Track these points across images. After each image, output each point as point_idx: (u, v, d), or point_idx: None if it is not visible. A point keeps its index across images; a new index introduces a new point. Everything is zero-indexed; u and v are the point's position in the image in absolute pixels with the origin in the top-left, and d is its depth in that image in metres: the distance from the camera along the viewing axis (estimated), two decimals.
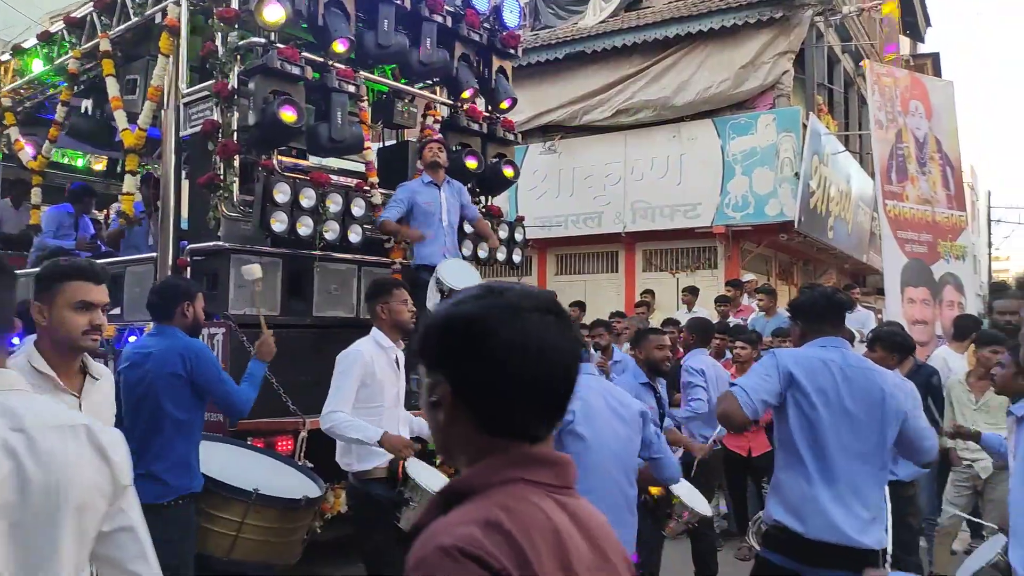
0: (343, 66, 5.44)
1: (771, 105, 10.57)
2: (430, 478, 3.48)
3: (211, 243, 5.04)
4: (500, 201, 8.33)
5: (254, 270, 4.08)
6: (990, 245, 38.08)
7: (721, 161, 10.66)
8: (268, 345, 3.63)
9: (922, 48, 20.68)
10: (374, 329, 3.70)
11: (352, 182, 5.93)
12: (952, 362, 5.67)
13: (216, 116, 5.01)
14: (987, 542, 3.21)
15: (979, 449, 4.99)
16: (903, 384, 3.16)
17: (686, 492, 3.86)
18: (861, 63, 12.38)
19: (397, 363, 3.73)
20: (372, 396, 3.58)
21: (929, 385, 5.13)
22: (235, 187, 5.00)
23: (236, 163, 5.00)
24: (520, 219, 6.85)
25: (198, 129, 5.09)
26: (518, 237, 6.68)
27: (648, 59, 11.28)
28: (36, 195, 7.26)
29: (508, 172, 6.53)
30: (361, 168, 6.29)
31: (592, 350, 5.71)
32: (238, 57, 5.07)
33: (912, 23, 18.91)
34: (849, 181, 12.25)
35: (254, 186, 4.98)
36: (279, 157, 5.39)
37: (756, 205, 10.38)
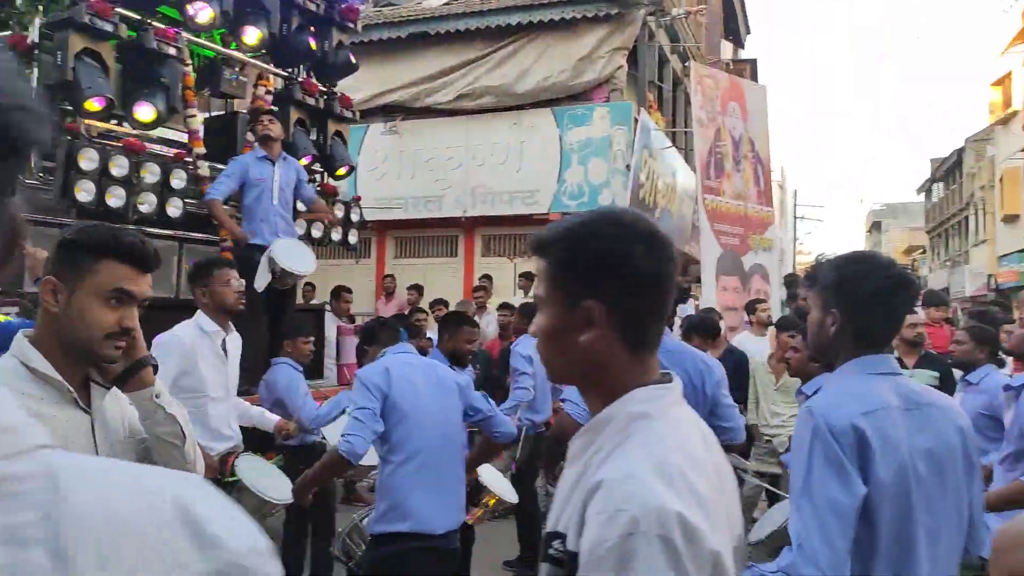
0: (163, 25, 5.05)
1: (606, 98, 10.99)
2: (259, 478, 3.36)
3: None
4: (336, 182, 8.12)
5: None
6: (795, 240, 41.88)
7: (559, 150, 10.97)
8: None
9: (742, 54, 22.29)
10: (198, 313, 3.44)
11: (173, 152, 5.55)
12: (748, 345, 6.15)
13: None
14: (777, 506, 3.50)
15: (779, 425, 5.51)
16: (713, 365, 3.41)
17: (493, 479, 3.97)
18: (687, 64, 13.14)
19: (224, 349, 3.48)
20: (195, 386, 3.33)
21: (738, 368, 5.56)
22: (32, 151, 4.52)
23: None
24: (356, 199, 6.71)
25: None
26: (354, 218, 6.55)
27: (491, 45, 11.37)
28: None
29: (340, 172, 6.41)
30: (184, 138, 5.89)
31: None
32: (40, 7, 4.58)
33: (734, 29, 20.34)
34: (675, 175, 13.00)
35: (56, 151, 4.53)
36: (88, 121, 4.93)
37: (590, 194, 10.77)
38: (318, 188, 6.33)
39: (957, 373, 4.73)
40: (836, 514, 1.58)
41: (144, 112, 4.99)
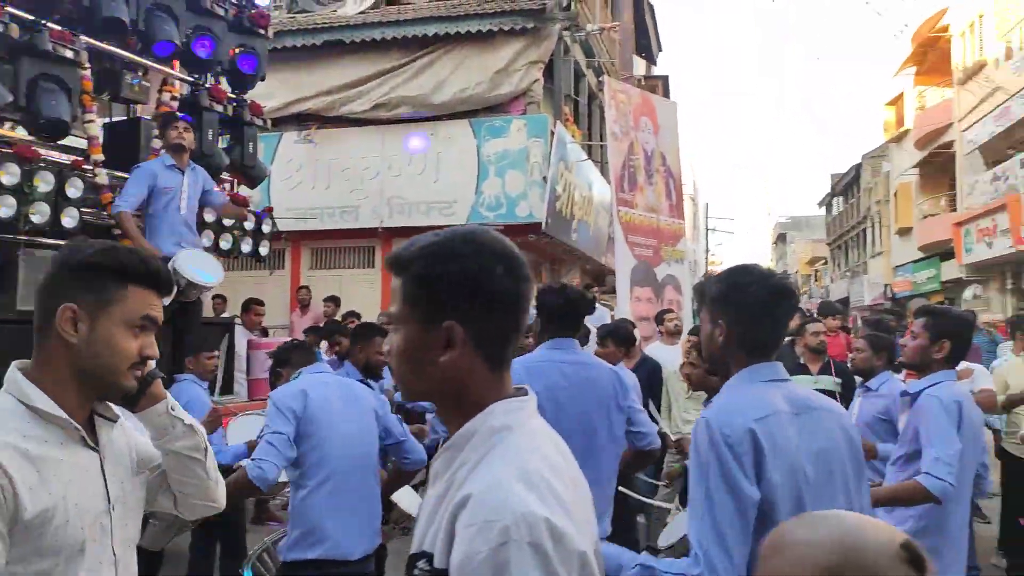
0: (59, 27, 4.81)
1: (523, 111, 11.09)
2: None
3: None
4: (250, 190, 7.90)
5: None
6: (707, 251, 43.27)
7: (476, 161, 10.99)
8: None
9: (655, 70, 22.93)
10: None
11: (69, 159, 5.27)
12: (660, 354, 6.29)
13: None
14: (682, 514, 3.58)
15: (688, 433, 5.64)
16: (626, 376, 3.46)
17: (402, 495, 3.92)
18: (602, 78, 13.42)
19: None
20: None
21: (652, 376, 5.68)
22: None
23: None
24: (268, 210, 6.54)
25: None
26: (265, 229, 6.37)
27: (407, 55, 11.32)
28: None
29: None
30: (83, 144, 5.61)
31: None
32: None
33: (646, 46, 20.90)
34: (591, 187, 13.23)
35: None
36: None
37: (508, 206, 10.83)
38: (227, 197, 6.14)
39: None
40: (733, 523, 1.64)
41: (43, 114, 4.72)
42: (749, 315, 1.81)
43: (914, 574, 0.86)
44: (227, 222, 5.91)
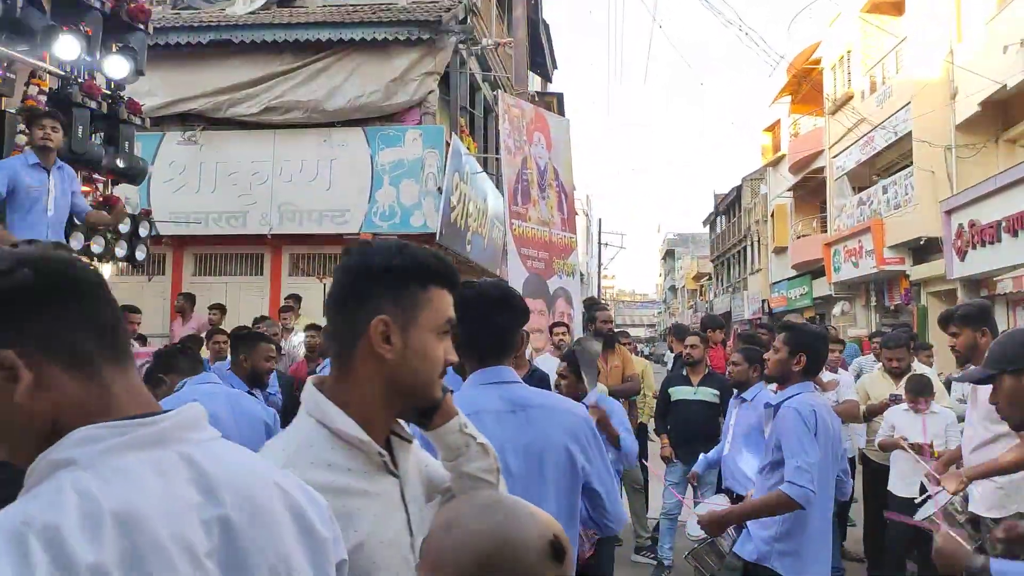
0: None
1: (418, 121, 11.05)
2: None
3: None
4: (128, 191, 7.50)
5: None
6: (600, 264, 44.33)
7: (370, 170, 10.85)
8: None
9: (550, 87, 23.38)
10: None
11: None
12: (547, 365, 6.39)
13: None
14: None
15: None
16: None
17: None
18: (497, 93, 13.57)
19: None
20: None
21: (541, 386, 5.75)
22: None
23: None
24: (146, 213, 6.23)
25: None
26: (143, 232, 6.07)
27: (300, 59, 11.06)
28: None
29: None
30: None
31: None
32: None
33: (541, 63, 21.28)
34: (486, 199, 13.32)
35: None
36: None
37: (402, 215, 10.75)
38: (101, 198, 5.80)
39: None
40: None
41: None
42: (473, 325, 1.93)
43: (555, 566, 0.97)
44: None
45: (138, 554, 0.83)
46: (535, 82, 21.47)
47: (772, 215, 28.80)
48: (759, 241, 32.04)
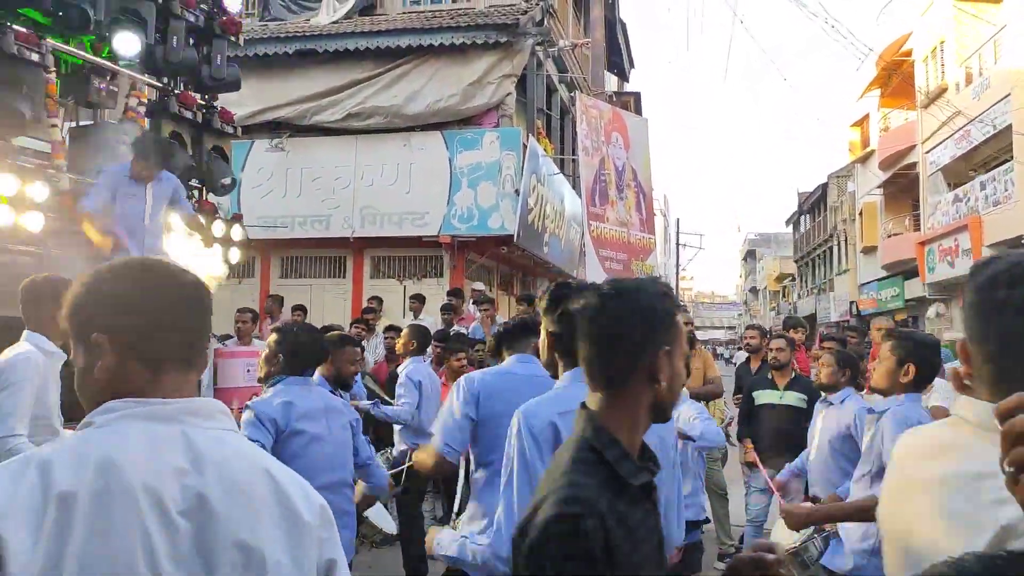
0: (24, 30, 4.74)
1: (496, 124, 11.13)
2: None
3: None
4: (220, 198, 7.81)
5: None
6: (677, 265, 43.65)
7: (449, 173, 10.99)
8: None
9: (627, 87, 23.18)
10: (32, 334, 3.09)
11: (34, 163, 5.18)
12: None
13: None
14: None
15: None
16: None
17: (376, 514, 3.95)
18: (574, 94, 13.53)
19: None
20: (46, 414, 3.06)
21: None
22: None
23: None
24: (237, 217, 6.47)
25: None
26: (235, 236, 6.31)
27: (380, 66, 11.31)
28: None
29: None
30: (46, 148, 5.52)
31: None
32: None
33: (618, 63, 21.12)
34: (563, 201, 13.29)
35: None
36: None
37: (480, 218, 10.84)
38: (195, 204, 6.07)
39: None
40: (525, 500, 1.86)
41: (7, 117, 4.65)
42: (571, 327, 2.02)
43: None
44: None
45: (107, 492, 1.02)
46: (612, 82, 21.31)
47: (860, 213, 27.75)
48: (846, 240, 30.91)
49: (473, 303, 9.13)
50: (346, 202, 11.33)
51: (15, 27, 4.71)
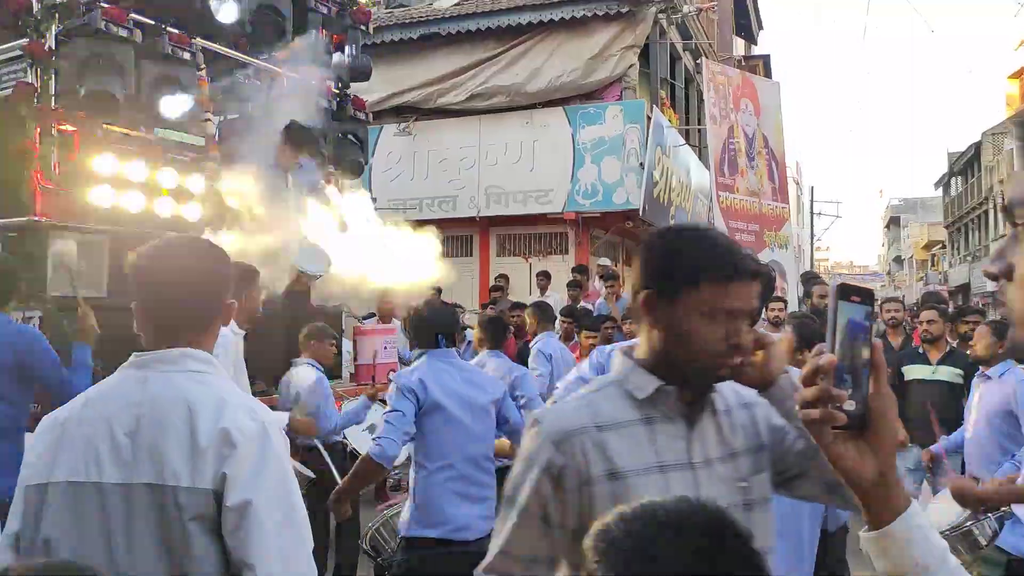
0: (177, 31, 5.11)
1: (618, 97, 10.97)
2: None
3: (25, 218, 4.61)
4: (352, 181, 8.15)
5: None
6: (812, 236, 41.59)
7: (572, 149, 10.95)
8: (88, 324, 3.36)
9: (755, 50, 22.18)
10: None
11: (189, 156, 5.60)
12: None
13: (31, 79, 4.57)
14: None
15: None
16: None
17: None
18: (699, 61, 13.10)
19: None
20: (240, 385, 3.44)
21: None
22: (53, 157, 4.60)
23: (55, 131, 4.59)
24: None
25: (9, 92, 4.62)
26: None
27: (502, 45, 11.38)
28: None
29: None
30: (200, 141, 5.95)
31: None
32: (56, 15, 4.65)
33: (746, 25, 20.23)
34: (689, 173, 12.96)
35: (75, 156, 4.60)
36: (106, 126, 5.00)
37: (604, 193, 10.76)
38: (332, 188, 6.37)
39: None
40: None
41: (165, 114, 5.06)
42: None
43: None
44: None
45: (82, 419, 1.53)
46: (739, 46, 20.47)
47: None
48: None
49: (599, 279, 9.10)
50: (471, 182, 11.54)
51: (168, 29, 5.09)
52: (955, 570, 0.86)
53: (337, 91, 6.47)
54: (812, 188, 41.58)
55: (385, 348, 6.41)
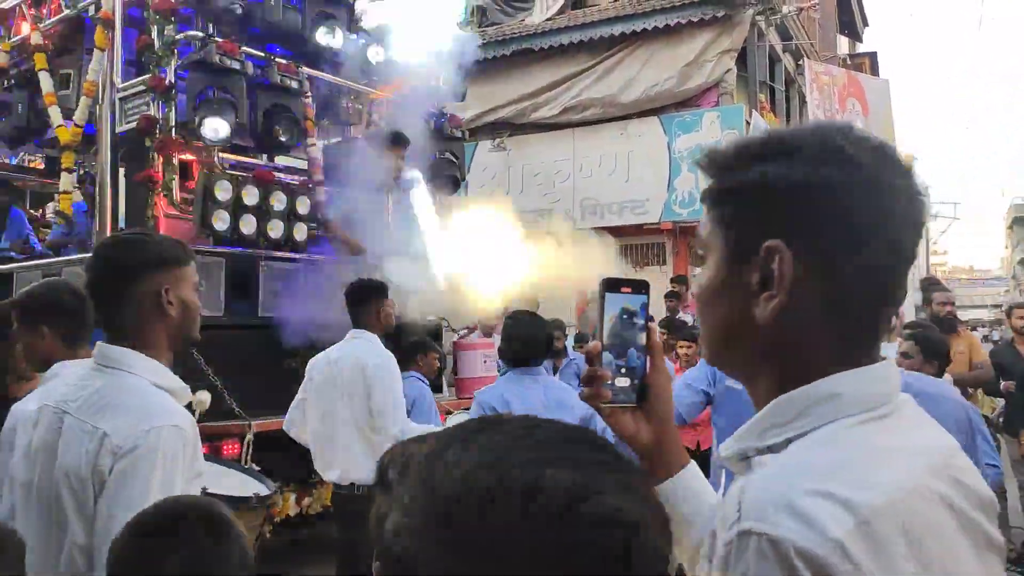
0: (285, 61, 5.36)
1: (715, 103, 10.74)
2: None
3: None
4: (451, 198, 8.30)
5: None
6: (928, 239, 39.38)
7: (667, 158, 10.80)
8: None
9: (860, 47, 21.27)
10: (369, 335, 3.63)
11: (297, 179, 5.85)
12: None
13: (154, 111, 4.89)
14: None
15: None
16: None
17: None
18: (800, 62, 12.66)
19: None
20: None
21: None
22: (175, 184, 4.90)
23: (175, 160, 4.89)
24: None
25: (134, 125, 4.96)
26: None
27: (594, 57, 11.37)
28: None
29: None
30: (306, 165, 6.21)
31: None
32: (175, 50, 4.96)
33: (849, 23, 19.43)
34: None
35: (195, 183, 4.89)
36: (221, 153, 5.29)
37: None
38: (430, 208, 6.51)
39: None
40: None
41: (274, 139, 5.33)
42: None
43: None
44: None
45: (42, 407, 1.72)
46: (843, 44, 19.68)
47: None
48: None
49: None
50: (566, 195, 11.54)
51: (277, 59, 5.34)
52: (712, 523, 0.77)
53: (434, 111, 6.62)
54: (927, 188, 39.42)
55: (485, 362, 6.47)
